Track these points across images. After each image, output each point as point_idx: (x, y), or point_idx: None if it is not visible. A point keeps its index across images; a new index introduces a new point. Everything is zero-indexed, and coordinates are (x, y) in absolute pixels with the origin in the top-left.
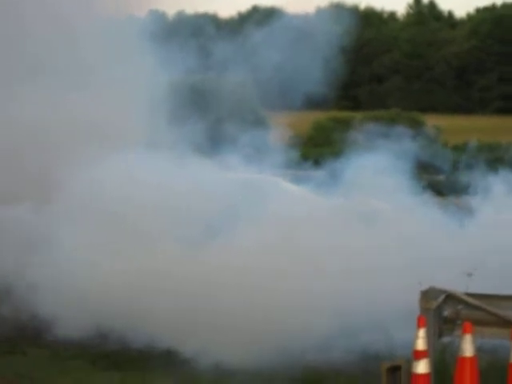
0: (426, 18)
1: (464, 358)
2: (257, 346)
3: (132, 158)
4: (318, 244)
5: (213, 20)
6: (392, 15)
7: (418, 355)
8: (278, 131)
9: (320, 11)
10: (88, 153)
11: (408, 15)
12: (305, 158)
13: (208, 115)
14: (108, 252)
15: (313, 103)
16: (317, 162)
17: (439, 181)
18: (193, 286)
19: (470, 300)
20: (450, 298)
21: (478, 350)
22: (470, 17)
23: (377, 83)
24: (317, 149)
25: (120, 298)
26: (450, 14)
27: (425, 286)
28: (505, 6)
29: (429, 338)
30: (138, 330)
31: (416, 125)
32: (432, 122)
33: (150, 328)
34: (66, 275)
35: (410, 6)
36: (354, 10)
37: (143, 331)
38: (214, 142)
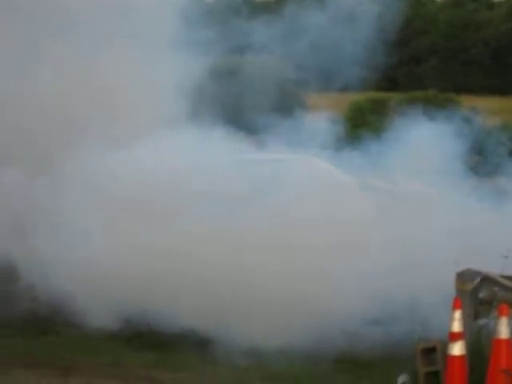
0: None
1: (500, 340)
2: (290, 328)
3: (158, 140)
4: (352, 225)
5: (250, 1)
6: None
7: (454, 337)
8: (316, 112)
9: None
10: (108, 134)
11: None
12: (343, 139)
13: (245, 97)
14: (130, 234)
15: (351, 84)
16: (355, 143)
17: (477, 162)
18: (219, 267)
19: (506, 282)
20: (486, 279)
21: None
22: None
23: (414, 64)
24: (355, 130)
25: (147, 280)
26: None
27: (461, 268)
28: None
29: (464, 319)
30: (167, 313)
31: (453, 106)
32: (468, 103)
33: (181, 310)
34: (89, 259)
35: None
36: None
37: (172, 313)
38: (251, 124)
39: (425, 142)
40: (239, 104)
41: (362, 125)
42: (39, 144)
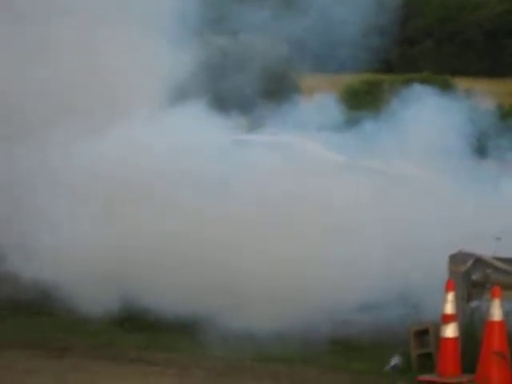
0: None
1: (492, 322)
2: (283, 311)
3: (144, 120)
4: (343, 207)
5: None
6: None
7: (447, 319)
8: (310, 93)
9: None
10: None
11: None
12: (337, 120)
13: (237, 76)
14: (118, 218)
15: (346, 66)
16: (349, 125)
17: (472, 144)
18: (211, 248)
19: (499, 264)
20: (479, 261)
21: (507, 314)
22: None
23: (409, 46)
24: (349, 111)
25: (140, 262)
26: None
27: (454, 250)
28: None
29: (457, 302)
30: (160, 295)
31: (447, 88)
32: (463, 85)
33: (173, 293)
34: (83, 243)
35: None
36: None
37: (165, 296)
38: (243, 104)
39: (420, 123)
40: (232, 84)
41: (356, 106)
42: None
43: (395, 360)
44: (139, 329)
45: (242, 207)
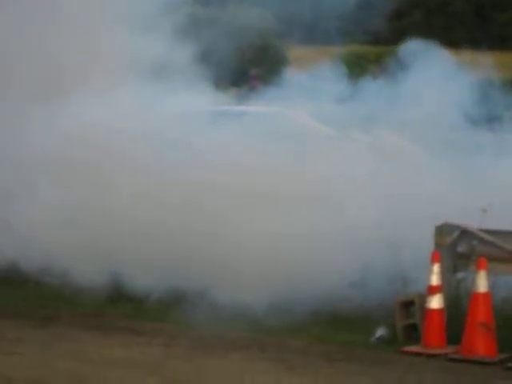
0: None
1: (478, 294)
2: (270, 282)
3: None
4: (329, 180)
5: None
6: None
7: (432, 290)
8: (298, 65)
9: None
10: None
11: None
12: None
13: (223, 48)
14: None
15: (333, 38)
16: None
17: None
18: (198, 220)
19: (485, 235)
20: (465, 233)
21: (492, 285)
22: None
23: (397, 18)
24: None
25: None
26: None
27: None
28: None
29: (443, 273)
30: (147, 267)
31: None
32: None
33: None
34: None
35: None
36: None
37: (152, 266)
38: (230, 76)
39: (412, 93)
40: (220, 55)
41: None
42: None
43: (381, 331)
44: (127, 299)
45: (224, 176)
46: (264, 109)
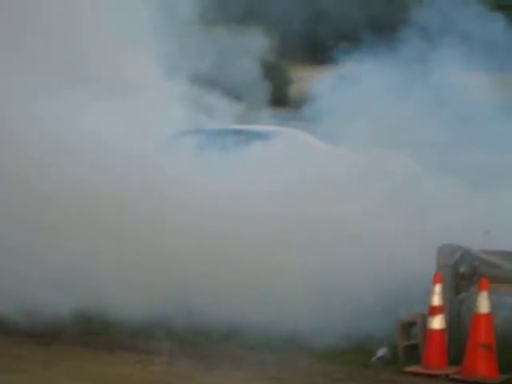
0: None
1: (479, 315)
2: (273, 300)
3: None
4: (325, 198)
5: None
6: None
7: (434, 311)
8: (301, 85)
9: None
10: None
11: None
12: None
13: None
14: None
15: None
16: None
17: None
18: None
19: (487, 257)
20: (467, 254)
21: (494, 306)
22: None
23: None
24: None
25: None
26: None
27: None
28: None
29: (445, 293)
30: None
31: None
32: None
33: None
34: None
35: None
36: None
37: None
38: (235, 92)
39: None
40: (224, 72)
41: None
42: None
43: (382, 351)
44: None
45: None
46: (273, 128)
